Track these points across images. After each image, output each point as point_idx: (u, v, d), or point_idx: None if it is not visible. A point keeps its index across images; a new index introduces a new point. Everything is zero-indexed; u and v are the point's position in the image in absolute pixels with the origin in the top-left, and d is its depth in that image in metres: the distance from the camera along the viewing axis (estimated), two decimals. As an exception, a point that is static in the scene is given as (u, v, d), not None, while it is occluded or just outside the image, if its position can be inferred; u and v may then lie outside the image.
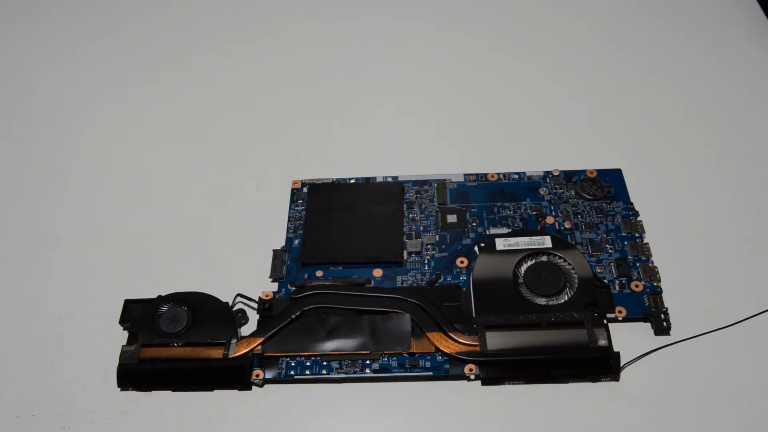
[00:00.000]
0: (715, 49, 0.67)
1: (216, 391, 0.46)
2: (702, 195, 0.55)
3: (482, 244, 0.52)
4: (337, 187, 0.57)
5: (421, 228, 0.54)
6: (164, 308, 0.48)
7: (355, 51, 0.63)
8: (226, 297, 0.50)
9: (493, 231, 0.53)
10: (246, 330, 0.49)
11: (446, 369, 0.46)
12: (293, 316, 0.48)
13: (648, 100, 0.63)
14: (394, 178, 0.57)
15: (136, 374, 0.46)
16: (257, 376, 0.46)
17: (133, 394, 0.46)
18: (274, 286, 0.51)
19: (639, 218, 0.53)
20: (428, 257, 0.52)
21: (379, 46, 0.66)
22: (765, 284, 0.49)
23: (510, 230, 0.53)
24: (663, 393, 0.45)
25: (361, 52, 0.59)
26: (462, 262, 0.51)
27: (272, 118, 0.55)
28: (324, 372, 0.46)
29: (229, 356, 0.46)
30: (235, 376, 0.46)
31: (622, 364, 0.45)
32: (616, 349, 0.45)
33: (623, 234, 0.52)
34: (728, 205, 0.54)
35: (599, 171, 0.56)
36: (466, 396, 0.45)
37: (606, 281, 0.49)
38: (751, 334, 0.47)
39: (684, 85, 0.64)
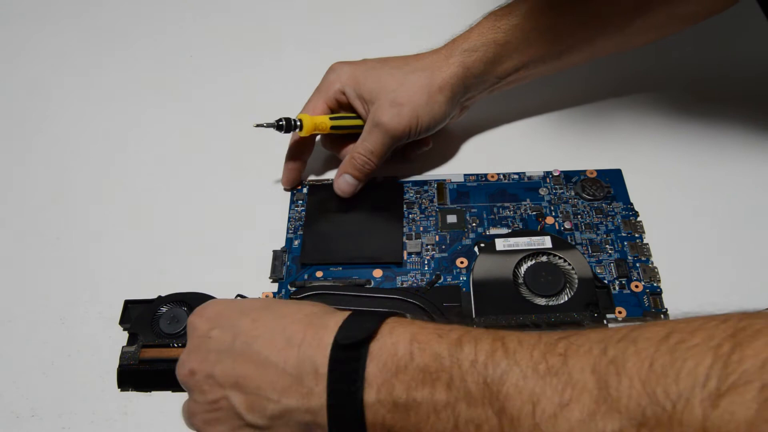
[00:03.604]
0: (715, 49, 0.67)
1: (216, 392, 0.46)
2: (702, 195, 0.55)
3: (482, 245, 0.52)
4: (337, 187, 0.57)
5: (421, 228, 0.54)
6: (164, 309, 0.48)
7: (354, 51, 0.63)
8: (226, 297, 0.49)
9: (493, 231, 0.53)
10: (246, 330, 0.49)
11: (446, 369, 0.46)
12: (293, 317, 0.48)
13: (648, 100, 0.63)
14: (394, 177, 0.57)
15: (136, 375, 0.46)
16: (257, 376, 0.46)
17: (133, 395, 0.46)
18: (274, 287, 0.51)
19: (639, 218, 0.53)
20: (428, 258, 0.52)
21: (379, 44, 0.66)
22: (766, 284, 0.49)
23: (510, 230, 0.53)
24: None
25: (360, 52, 0.59)
26: (462, 262, 0.51)
27: (272, 118, 0.55)
28: (324, 372, 0.46)
29: (229, 356, 0.46)
30: (235, 376, 0.46)
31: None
32: (615, 349, 0.45)
33: (623, 234, 0.52)
34: (729, 205, 0.54)
35: (599, 171, 0.56)
36: (466, 396, 0.45)
37: (606, 281, 0.49)
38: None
39: (684, 84, 0.64)
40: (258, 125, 0.54)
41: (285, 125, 0.54)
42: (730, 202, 0.54)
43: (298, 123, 0.54)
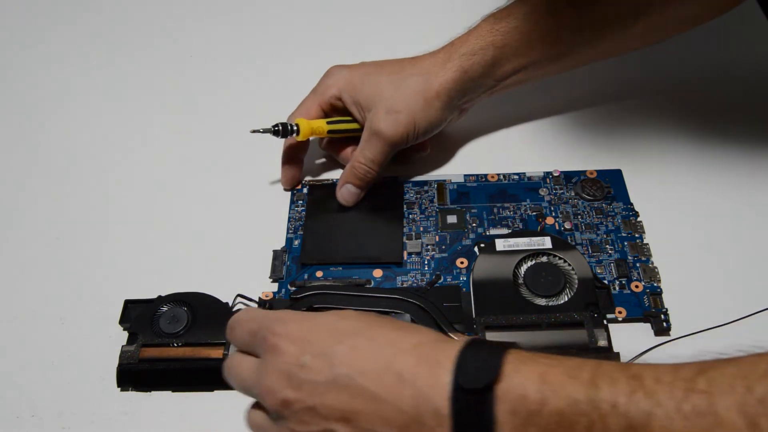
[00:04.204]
0: (715, 49, 0.67)
1: (216, 392, 0.46)
2: (702, 195, 0.55)
3: (482, 245, 0.52)
4: (337, 187, 0.57)
5: (421, 228, 0.54)
6: (164, 308, 0.48)
7: (352, 51, 0.63)
8: (226, 297, 0.50)
9: (493, 232, 0.53)
10: (246, 330, 0.49)
11: (446, 369, 0.46)
12: (293, 317, 0.48)
13: (648, 101, 0.63)
14: (394, 178, 0.57)
15: (136, 374, 0.46)
16: (257, 376, 0.46)
17: (133, 395, 0.46)
18: (274, 287, 0.51)
19: (639, 219, 0.53)
20: (428, 258, 0.52)
21: (378, 45, 0.66)
22: (766, 284, 0.49)
23: (510, 231, 0.53)
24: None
25: (359, 53, 0.59)
26: (462, 262, 0.51)
27: (272, 118, 0.55)
28: (324, 372, 0.46)
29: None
30: (235, 376, 0.46)
31: (621, 365, 0.45)
32: (616, 349, 0.45)
33: (623, 234, 0.52)
34: (728, 205, 0.54)
35: (599, 171, 0.56)
36: (466, 396, 0.45)
37: (606, 282, 0.49)
38: (752, 332, 0.47)
39: (684, 85, 0.64)
40: (254, 131, 0.54)
41: (282, 130, 0.54)
42: (730, 202, 0.54)
43: (295, 128, 0.54)
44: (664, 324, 0.47)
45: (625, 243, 0.51)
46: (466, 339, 0.35)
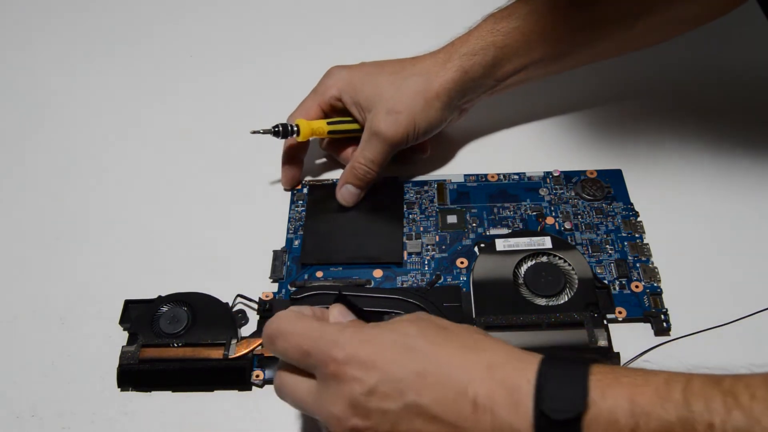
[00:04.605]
0: (715, 49, 0.67)
1: (216, 392, 0.46)
2: (702, 195, 0.55)
3: (482, 245, 0.52)
4: (337, 187, 0.57)
5: (421, 228, 0.54)
6: (164, 309, 0.49)
7: (352, 51, 0.63)
8: (226, 297, 0.50)
9: (493, 231, 0.53)
10: (246, 330, 0.49)
11: (446, 369, 0.46)
12: (293, 317, 0.48)
13: (648, 101, 0.63)
14: (394, 178, 0.57)
15: (136, 374, 0.46)
16: (257, 376, 0.46)
17: (133, 395, 0.46)
18: (275, 287, 0.51)
19: (639, 219, 0.53)
20: (428, 258, 0.52)
21: (379, 46, 0.66)
22: (766, 284, 0.49)
23: (510, 231, 0.53)
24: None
25: (359, 53, 0.59)
26: (462, 262, 0.51)
27: (272, 118, 0.55)
28: (324, 372, 0.46)
29: (229, 357, 0.46)
30: (235, 376, 0.46)
31: (622, 365, 0.45)
32: (616, 349, 0.45)
33: (623, 234, 0.52)
34: (728, 205, 0.54)
35: (599, 171, 0.56)
36: (466, 396, 0.45)
37: (606, 282, 0.49)
38: (752, 332, 0.47)
39: (684, 85, 0.64)
40: (254, 132, 0.54)
41: (282, 131, 0.54)
42: (730, 202, 0.54)
43: (296, 129, 0.54)
44: (664, 324, 0.47)
45: (625, 243, 0.51)
46: (540, 356, 0.34)
